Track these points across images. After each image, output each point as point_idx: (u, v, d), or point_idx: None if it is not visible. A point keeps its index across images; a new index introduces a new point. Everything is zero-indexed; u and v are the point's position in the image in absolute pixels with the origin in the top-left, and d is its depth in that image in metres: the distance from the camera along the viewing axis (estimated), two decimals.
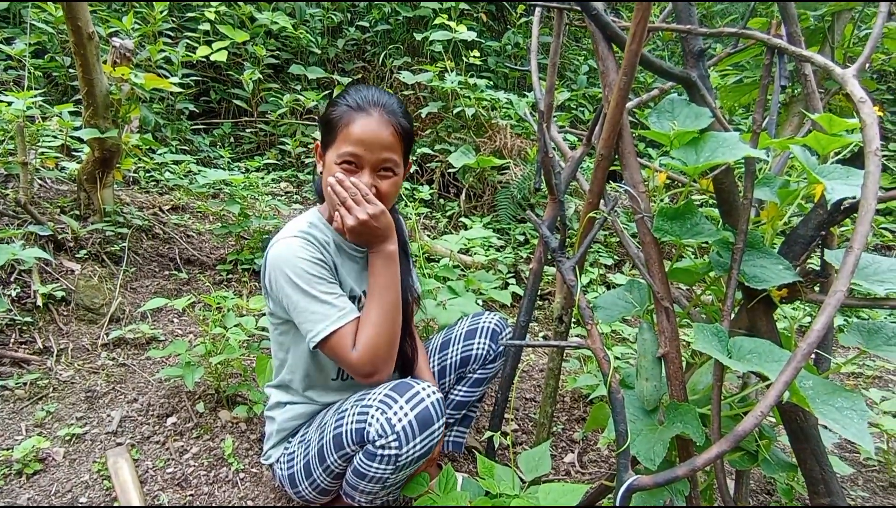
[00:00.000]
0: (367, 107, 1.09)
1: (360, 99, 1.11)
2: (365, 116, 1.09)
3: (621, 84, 0.96)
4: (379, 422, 1.02)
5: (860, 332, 0.93)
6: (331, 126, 1.11)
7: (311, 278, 1.07)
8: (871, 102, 0.71)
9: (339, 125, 1.09)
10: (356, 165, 1.09)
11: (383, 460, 1.03)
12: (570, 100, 4.40)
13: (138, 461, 1.43)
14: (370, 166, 1.10)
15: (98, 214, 2.29)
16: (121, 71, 2.10)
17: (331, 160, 1.11)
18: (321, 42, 4.50)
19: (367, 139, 1.08)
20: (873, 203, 0.67)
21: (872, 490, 1.65)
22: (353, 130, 1.08)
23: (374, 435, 1.02)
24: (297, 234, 1.11)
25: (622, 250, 3.25)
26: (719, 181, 1.05)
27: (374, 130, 1.08)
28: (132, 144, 2.49)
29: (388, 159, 1.11)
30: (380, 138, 1.08)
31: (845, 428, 0.77)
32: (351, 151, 1.08)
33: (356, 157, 1.08)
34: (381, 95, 1.12)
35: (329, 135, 1.12)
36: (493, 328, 1.41)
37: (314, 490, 1.18)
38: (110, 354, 1.87)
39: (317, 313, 1.06)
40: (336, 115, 1.11)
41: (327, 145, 1.13)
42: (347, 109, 1.10)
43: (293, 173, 3.87)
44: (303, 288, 1.06)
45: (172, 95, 3.74)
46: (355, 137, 1.07)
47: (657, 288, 0.96)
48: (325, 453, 1.11)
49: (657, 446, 0.90)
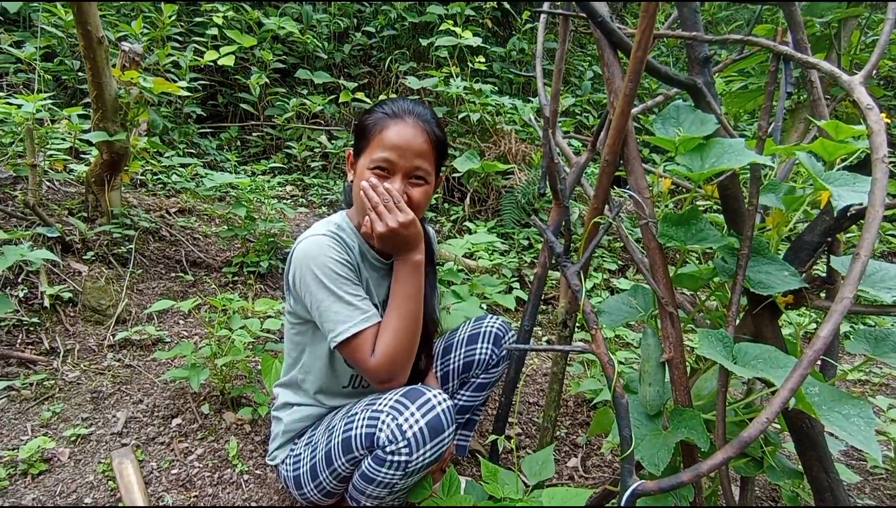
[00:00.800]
0: (402, 114, 1.10)
1: (396, 108, 1.11)
2: (399, 122, 1.09)
3: (627, 90, 0.96)
4: (390, 428, 1.02)
5: (867, 339, 0.93)
6: (364, 132, 1.12)
7: (337, 278, 1.06)
8: (878, 109, 0.71)
9: (373, 131, 1.10)
10: (388, 172, 1.09)
11: (392, 465, 1.03)
12: (575, 105, 4.41)
13: (143, 461, 1.44)
14: (402, 173, 1.10)
15: (105, 216, 2.31)
16: (130, 75, 2.12)
17: (363, 166, 1.11)
18: (328, 47, 4.53)
19: (401, 145, 1.08)
20: (881, 210, 0.67)
21: (880, 498, 1.64)
22: (387, 135, 1.08)
23: (384, 441, 1.02)
24: (327, 232, 1.11)
25: (626, 256, 3.25)
26: (724, 187, 1.06)
27: (407, 137, 1.08)
28: (140, 147, 2.52)
29: (420, 167, 1.10)
30: (413, 145, 1.09)
31: (852, 436, 0.76)
32: (384, 156, 1.08)
33: (389, 162, 1.08)
34: (415, 106, 1.13)
35: (362, 141, 1.12)
36: (496, 333, 1.41)
37: (320, 492, 1.18)
38: (116, 355, 1.89)
39: (340, 313, 1.05)
40: (370, 121, 1.11)
41: (360, 152, 1.13)
42: (382, 116, 1.10)
43: (299, 177, 3.89)
44: (328, 286, 1.06)
45: (180, 98, 3.77)
46: (389, 143, 1.08)
47: (662, 293, 0.96)
48: (333, 456, 1.12)
49: (661, 451, 0.89)
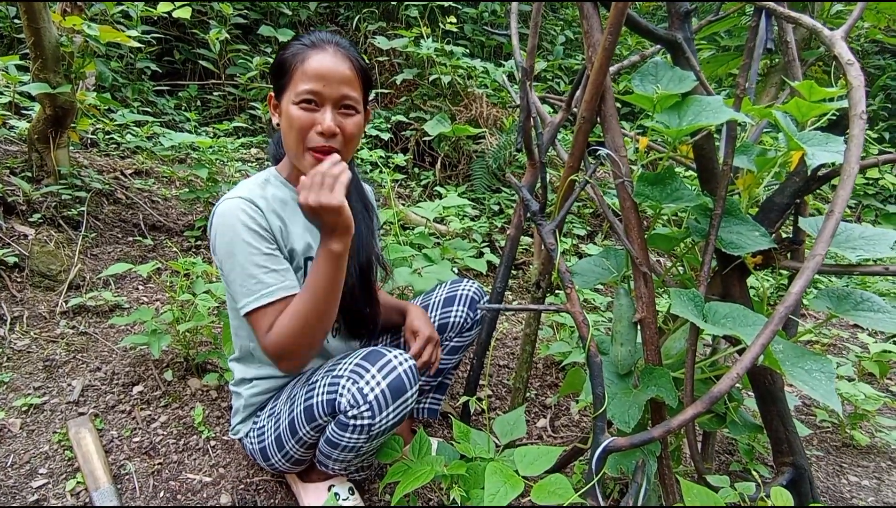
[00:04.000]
0: (321, 44, 1.04)
1: (314, 38, 1.05)
2: (320, 51, 1.03)
3: (606, 43, 0.93)
4: (350, 392, 1.00)
5: (829, 297, 0.95)
6: (284, 68, 1.04)
7: (245, 248, 1.01)
8: (858, 65, 0.70)
9: (294, 64, 1.03)
10: (316, 103, 1.03)
11: (356, 430, 1.01)
12: (547, 71, 4.35)
13: (102, 430, 1.39)
14: (331, 103, 1.03)
15: (52, 176, 2.16)
16: (72, 21, 1.95)
17: (287, 102, 1.04)
18: (292, 3, 4.30)
19: (326, 73, 1.01)
20: (856, 167, 0.67)
21: (827, 449, 1.74)
22: (310, 65, 1.01)
23: (345, 406, 1.00)
24: (244, 195, 1.04)
25: (595, 222, 3.28)
26: (699, 147, 1.05)
27: (331, 65, 1.02)
28: (88, 103, 2.34)
29: (348, 96, 1.04)
30: (339, 72, 1.02)
31: (814, 390, 0.79)
32: (309, 87, 1.01)
33: (315, 93, 1.02)
34: (333, 35, 1.07)
35: (283, 77, 1.05)
36: (472, 296, 1.39)
37: (287, 461, 1.16)
38: (70, 322, 1.79)
39: (244, 285, 1.01)
40: (289, 55, 1.04)
41: (282, 90, 1.06)
42: (301, 48, 1.04)
43: (264, 139, 3.73)
44: (235, 256, 1.01)
45: (132, 52, 3.53)
46: (313, 72, 1.01)
47: (636, 253, 0.96)
48: (297, 425, 1.09)
49: (632, 409, 0.91)
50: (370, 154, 2.88)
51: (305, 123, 1.02)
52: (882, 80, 5.18)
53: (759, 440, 1.53)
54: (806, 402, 2.02)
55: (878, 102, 5.20)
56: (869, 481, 1.58)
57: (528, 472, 1.00)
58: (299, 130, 1.03)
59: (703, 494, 0.90)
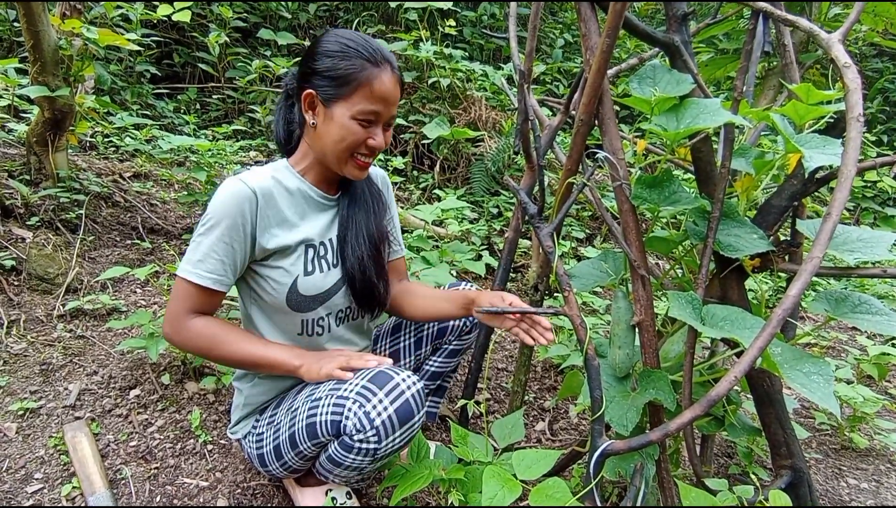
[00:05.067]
0: (382, 62, 1.05)
1: (373, 53, 1.05)
2: (383, 72, 1.05)
3: (604, 46, 0.93)
4: (357, 416, 0.98)
5: (828, 300, 0.95)
6: (345, 80, 1.04)
7: (216, 228, 1.03)
8: (855, 68, 0.70)
9: (359, 80, 1.03)
10: (374, 123, 1.08)
11: (360, 452, 1.00)
12: (546, 74, 4.36)
13: (99, 435, 1.38)
14: (384, 122, 1.10)
15: (51, 179, 2.16)
16: (71, 24, 1.95)
17: (342, 115, 1.05)
18: (292, 6, 4.31)
19: (388, 98, 1.07)
20: (853, 170, 0.67)
21: (825, 452, 1.73)
22: (377, 87, 1.04)
23: (351, 429, 0.99)
24: (249, 182, 1.05)
25: (593, 224, 3.28)
26: (697, 150, 1.05)
27: (393, 89, 1.07)
28: (87, 106, 2.34)
29: (394, 115, 1.12)
30: (396, 96, 1.09)
31: (813, 393, 0.78)
32: (374, 109, 1.05)
33: (377, 115, 1.07)
34: (384, 49, 1.09)
35: (340, 88, 1.04)
36: None
37: (285, 469, 1.16)
38: (67, 325, 1.79)
39: (193, 254, 1.05)
40: (351, 67, 1.03)
41: (337, 98, 1.05)
42: (364, 63, 1.04)
43: (263, 142, 3.73)
44: (205, 228, 1.04)
45: (131, 55, 3.53)
46: (380, 95, 1.05)
47: (634, 256, 0.96)
48: (298, 440, 1.09)
49: (630, 412, 0.90)
50: None
51: (362, 137, 1.07)
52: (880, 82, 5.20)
53: (758, 443, 1.53)
54: (805, 405, 2.02)
55: (876, 105, 5.22)
56: (868, 484, 1.58)
57: (525, 476, 1.00)
58: (354, 142, 1.07)
59: (701, 497, 0.90)
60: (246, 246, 1.07)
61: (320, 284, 1.14)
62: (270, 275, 1.10)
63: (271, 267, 1.10)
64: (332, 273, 1.16)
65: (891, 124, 5.26)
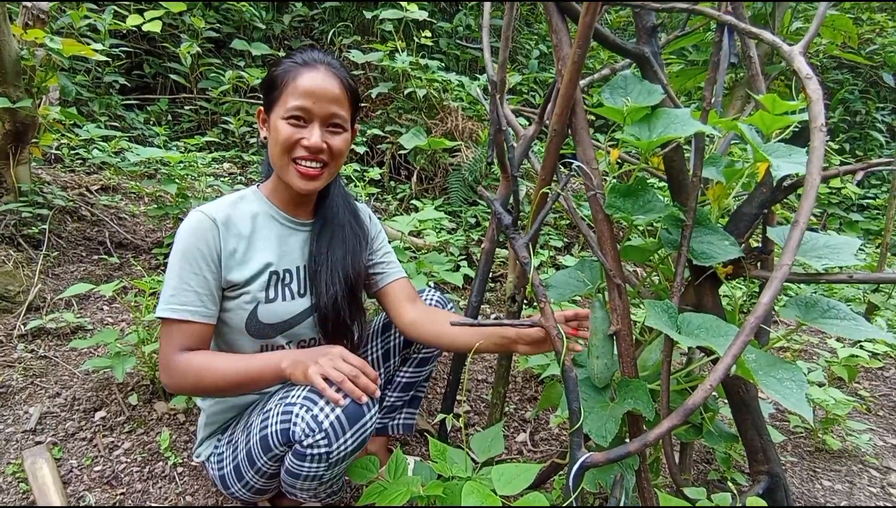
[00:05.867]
0: (313, 62, 1.06)
1: (306, 56, 1.07)
2: (311, 70, 1.05)
3: (575, 57, 0.94)
4: (305, 420, 0.96)
5: (798, 306, 0.96)
6: (275, 84, 1.06)
7: (182, 260, 1.03)
8: (816, 79, 0.72)
9: (285, 80, 1.05)
10: (305, 120, 1.05)
11: (314, 459, 0.97)
12: (522, 84, 4.41)
13: (61, 460, 1.32)
14: (319, 121, 1.06)
15: (12, 193, 2.08)
16: (34, 34, 1.89)
17: (276, 118, 1.06)
18: (266, 17, 4.27)
19: (316, 91, 1.04)
20: (818, 178, 0.68)
21: (800, 455, 1.76)
22: (301, 82, 1.04)
23: (300, 435, 0.96)
24: (209, 212, 1.06)
25: (572, 233, 3.31)
26: (670, 159, 1.06)
27: (321, 83, 1.05)
28: (52, 118, 2.28)
29: (336, 114, 1.07)
30: (328, 91, 1.05)
31: (786, 398, 0.79)
32: (299, 104, 1.03)
33: (304, 110, 1.04)
34: (325, 55, 1.10)
35: (273, 92, 1.07)
36: (435, 306, 1.37)
37: (249, 491, 1.12)
38: (28, 345, 1.71)
39: (166, 292, 1.04)
40: (280, 71, 1.06)
41: (272, 105, 1.07)
42: (293, 65, 1.06)
43: (237, 154, 3.68)
44: (174, 264, 1.04)
45: (99, 66, 3.45)
46: (303, 90, 1.03)
47: (609, 265, 0.96)
48: (254, 456, 1.06)
49: (609, 423, 0.90)
50: (345, 168, 2.85)
51: (292, 137, 1.05)
52: (841, 93, 5.40)
53: (736, 449, 1.54)
54: (780, 408, 2.05)
55: (837, 115, 5.42)
56: (842, 485, 1.60)
57: (505, 491, 0.98)
58: (284, 143, 1.05)
59: (680, 507, 0.90)
60: (218, 274, 1.06)
61: (282, 311, 1.12)
62: (233, 298, 1.08)
63: (236, 291, 1.08)
64: (297, 303, 1.14)
65: (852, 133, 5.47)
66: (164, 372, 1.04)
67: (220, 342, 1.14)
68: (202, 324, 1.04)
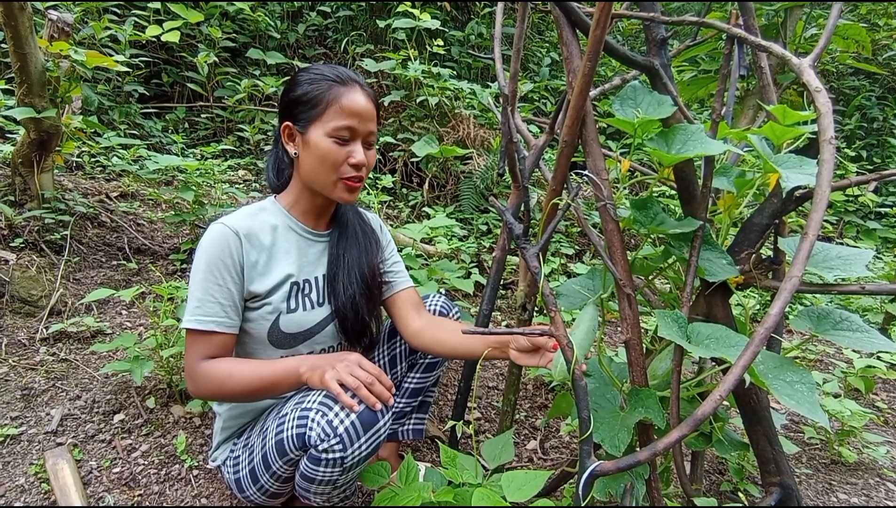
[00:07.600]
0: (349, 81, 1.10)
1: (339, 73, 1.11)
2: (351, 89, 1.09)
3: (585, 69, 0.95)
4: (320, 426, 0.98)
5: (809, 317, 0.96)
6: (314, 102, 1.08)
7: (205, 272, 1.05)
8: (826, 92, 0.72)
9: (327, 99, 1.08)
10: (350, 139, 1.10)
11: (329, 463, 0.99)
12: (533, 92, 4.43)
13: (81, 461, 1.35)
14: (361, 138, 1.11)
15: (36, 200, 2.14)
16: (59, 46, 1.95)
17: (318, 136, 1.08)
18: (281, 26, 4.35)
19: (361, 112, 1.09)
20: (828, 190, 0.69)
21: (815, 467, 1.74)
22: (346, 103, 1.08)
23: (315, 440, 0.98)
24: (230, 223, 1.08)
25: (583, 240, 3.30)
26: (680, 170, 1.07)
27: (364, 103, 1.10)
28: (74, 127, 2.34)
29: (372, 132, 1.13)
30: (369, 110, 1.11)
31: (799, 403, 0.79)
32: (347, 124, 1.08)
33: (351, 130, 1.09)
34: (351, 71, 1.13)
35: (311, 111, 1.09)
36: (440, 311, 1.38)
37: (263, 494, 1.14)
38: (50, 349, 1.76)
39: (190, 304, 1.06)
40: (319, 90, 1.09)
41: (310, 122, 1.09)
42: (331, 84, 1.09)
43: (252, 161, 3.74)
44: (197, 277, 1.06)
45: (120, 75, 3.53)
46: (350, 110, 1.08)
47: (619, 275, 0.97)
48: (270, 460, 1.08)
49: (621, 432, 0.90)
50: None
51: (341, 156, 1.09)
52: (857, 100, 5.34)
53: (748, 459, 1.53)
54: (794, 419, 2.03)
55: (854, 122, 5.34)
56: (858, 498, 1.58)
57: (515, 498, 0.99)
58: (334, 162, 1.09)
59: None
60: (241, 284, 1.09)
61: (302, 321, 1.15)
62: (255, 309, 1.11)
63: (258, 302, 1.11)
64: (317, 312, 1.17)
65: (869, 140, 5.39)
66: (190, 379, 1.07)
67: (241, 353, 1.17)
68: (226, 334, 1.07)
